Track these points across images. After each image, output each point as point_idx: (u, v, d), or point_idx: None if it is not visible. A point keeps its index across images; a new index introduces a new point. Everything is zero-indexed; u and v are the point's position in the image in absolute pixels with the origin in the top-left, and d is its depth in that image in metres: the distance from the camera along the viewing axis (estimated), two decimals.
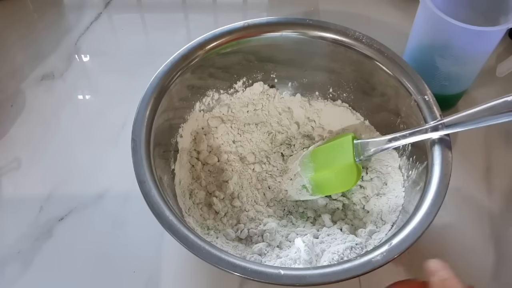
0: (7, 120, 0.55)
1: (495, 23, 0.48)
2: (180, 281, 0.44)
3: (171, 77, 0.44)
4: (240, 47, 0.48)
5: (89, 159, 0.52)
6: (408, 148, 0.45)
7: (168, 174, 0.44)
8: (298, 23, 0.49)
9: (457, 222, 0.48)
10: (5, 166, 0.51)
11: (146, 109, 0.42)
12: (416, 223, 0.36)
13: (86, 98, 0.59)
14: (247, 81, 0.52)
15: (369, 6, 0.69)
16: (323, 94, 0.53)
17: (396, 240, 0.35)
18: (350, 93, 0.51)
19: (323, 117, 0.53)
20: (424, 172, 0.40)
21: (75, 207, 0.48)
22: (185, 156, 0.48)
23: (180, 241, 0.35)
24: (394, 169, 0.47)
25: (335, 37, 0.48)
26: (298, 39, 0.49)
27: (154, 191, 0.37)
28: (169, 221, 0.36)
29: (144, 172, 0.38)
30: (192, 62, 0.46)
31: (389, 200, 0.45)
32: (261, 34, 0.48)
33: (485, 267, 0.45)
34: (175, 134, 0.47)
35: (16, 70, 0.60)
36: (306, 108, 0.53)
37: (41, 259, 0.45)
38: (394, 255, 0.35)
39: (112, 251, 0.46)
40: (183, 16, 0.69)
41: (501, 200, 0.50)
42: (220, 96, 0.52)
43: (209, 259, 0.34)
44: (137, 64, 0.61)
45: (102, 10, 0.67)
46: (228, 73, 0.51)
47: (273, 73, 0.52)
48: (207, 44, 0.47)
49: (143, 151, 0.39)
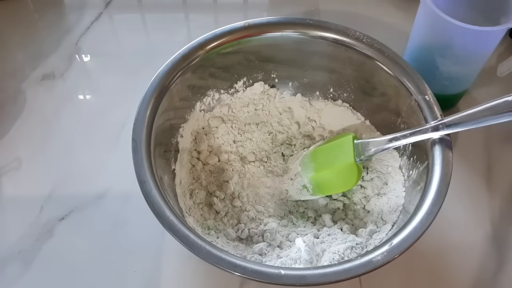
0: (7, 120, 0.55)
1: (496, 23, 0.48)
2: (180, 281, 0.44)
3: (172, 77, 0.44)
4: (240, 47, 0.48)
5: (89, 159, 0.52)
6: (409, 148, 0.45)
7: (168, 174, 0.44)
8: (299, 23, 0.49)
9: (457, 222, 0.48)
10: (5, 166, 0.51)
11: (147, 109, 0.42)
12: (416, 223, 0.36)
13: (87, 98, 0.59)
14: (247, 81, 0.52)
15: (369, 6, 0.69)
16: (323, 94, 0.53)
17: (397, 240, 0.35)
18: (350, 93, 0.51)
19: (323, 117, 0.53)
20: (425, 172, 0.40)
21: (76, 207, 0.48)
22: (186, 156, 0.48)
23: (180, 241, 0.35)
24: (394, 169, 0.47)
25: (335, 37, 0.48)
26: (298, 39, 0.49)
27: (155, 191, 0.37)
28: (169, 221, 0.36)
29: (145, 172, 0.38)
30: (192, 62, 0.46)
31: (390, 200, 0.45)
32: (262, 34, 0.48)
33: (485, 267, 0.45)
34: (176, 134, 0.47)
35: (16, 70, 0.60)
36: (306, 108, 0.53)
37: (42, 259, 0.45)
38: (395, 255, 0.34)
39: (112, 251, 0.46)
40: (184, 16, 0.69)
41: (501, 200, 0.50)
42: (220, 96, 0.52)
43: (210, 259, 0.34)
44: (138, 64, 0.61)
45: (102, 10, 0.67)
46: (229, 73, 0.51)
47: (273, 73, 0.52)
48: (208, 44, 0.47)
49: (143, 151, 0.39)
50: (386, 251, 0.35)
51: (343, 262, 0.35)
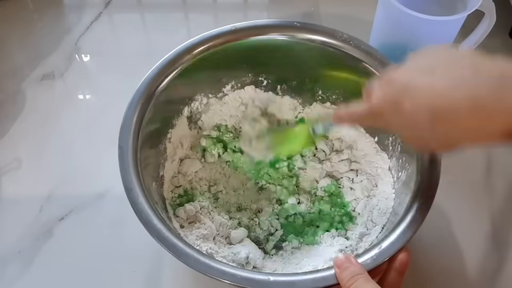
0: (7, 120, 0.55)
1: (453, 11, 0.48)
2: (180, 281, 0.44)
3: (159, 82, 0.44)
4: (228, 51, 0.48)
5: (89, 159, 0.52)
6: (398, 149, 0.45)
7: (156, 180, 0.44)
8: (286, 25, 0.48)
9: (457, 222, 0.48)
10: (5, 166, 0.51)
11: (133, 116, 0.41)
12: (405, 226, 0.36)
13: (86, 97, 0.59)
14: (235, 85, 0.52)
15: (369, 6, 0.68)
16: (312, 96, 0.53)
17: (386, 244, 0.35)
18: (339, 95, 0.51)
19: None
20: (414, 174, 0.40)
21: (76, 207, 0.48)
22: (172, 164, 0.48)
23: (168, 249, 0.34)
24: (384, 171, 0.47)
25: (323, 39, 0.47)
26: (286, 42, 0.48)
27: (142, 199, 0.37)
28: (157, 229, 0.35)
29: (132, 179, 0.38)
30: (179, 66, 0.46)
31: (379, 202, 0.45)
32: (249, 37, 0.48)
33: (485, 267, 0.45)
34: (164, 140, 0.47)
35: (16, 70, 0.60)
36: (295, 110, 0.53)
37: (42, 259, 0.45)
38: (384, 258, 0.34)
39: (112, 251, 0.46)
40: (183, 16, 0.69)
41: (501, 200, 0.50)
42: (208, 101, 0.51)
43: (198, 267, 0.34)
44: (137, 63, 0.60)
45: (102, 10, 0.67)
46: (217, 77, 0.50)
47: (262, 75, 0.52)
48: (195, 48, 0.46)
49: (130, 158, 0.39)
50: (375, 254, 0.34)
51: (332, 267, 0.34)
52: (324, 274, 0.34)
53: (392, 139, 0.47)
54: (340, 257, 0.33)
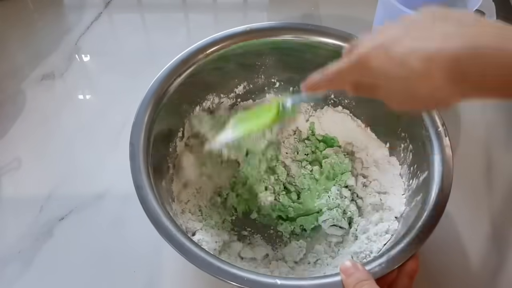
0: (7, 120, 0.55)
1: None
2: (180, 281, 0.44)
3: (171, 81, 0.44)
4: (241, 51, 0.48)
5: (89, 159, 0.52)
6: (409, 157, 0.45)
7: (166, 177, 0.44)
8: (300, 28, 0.48)
9: (457, 222, 0.48)
10: (5, 166, 0.51)
11: (145, 113, 0.41)
12: (415, 234, 0.36)
13: (87, 98, 0.59)
14: (247, 86, 0.52)
15: (369, 6, 0.68)
16: (324, 100, 0.53)
17: (395, 251, 0.35)
18: (351, 100, 0.51)
19: (323, 122, 0.53)
20: (426, 182, 0.40)
21: (76, 207, 0.48)
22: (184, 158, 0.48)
23: (175, 248, 0.34)
24: (395, 176, 0.47)
25: (336, 43, 0.47)
26: (299, 44, 0.48)
27: (151, 196, 0.37)
28: (165, 227, 0.35)
29: (142, 177, 0.38)
30: (192, 66, 0.46)
31: (390, 209, 0.45)
32: (263, 38, 0.48)
33: (485, 267, 0.45)
34: (174, 138, 0.47)
35: (16, 70, 0.60)
36: (306, 113, 0.53)
37: (42, 259, 0.45)
38: (393, 266, 0.34)
39: (112, 251, 0.46)
40: (183, 16, 0.69)
41: (501, 200, 0.50)
42: (220, 100, 0.51)
43: (204, 267, 0.34)
44: (138, 63, 0.61)
45: (102, 10, 0.67)
46: (229, 77, 0.51)
47: (274, 77, 0.52)
48: (208, 48, 0.46)
49: (141, 156, 0.39)
50: (384, 262, 0.34)
51: (339, 273, 0.34)
52: (330, 280, 0.34)
53: (404, 146, 0.46)
54: (347, 263, 0.33)
